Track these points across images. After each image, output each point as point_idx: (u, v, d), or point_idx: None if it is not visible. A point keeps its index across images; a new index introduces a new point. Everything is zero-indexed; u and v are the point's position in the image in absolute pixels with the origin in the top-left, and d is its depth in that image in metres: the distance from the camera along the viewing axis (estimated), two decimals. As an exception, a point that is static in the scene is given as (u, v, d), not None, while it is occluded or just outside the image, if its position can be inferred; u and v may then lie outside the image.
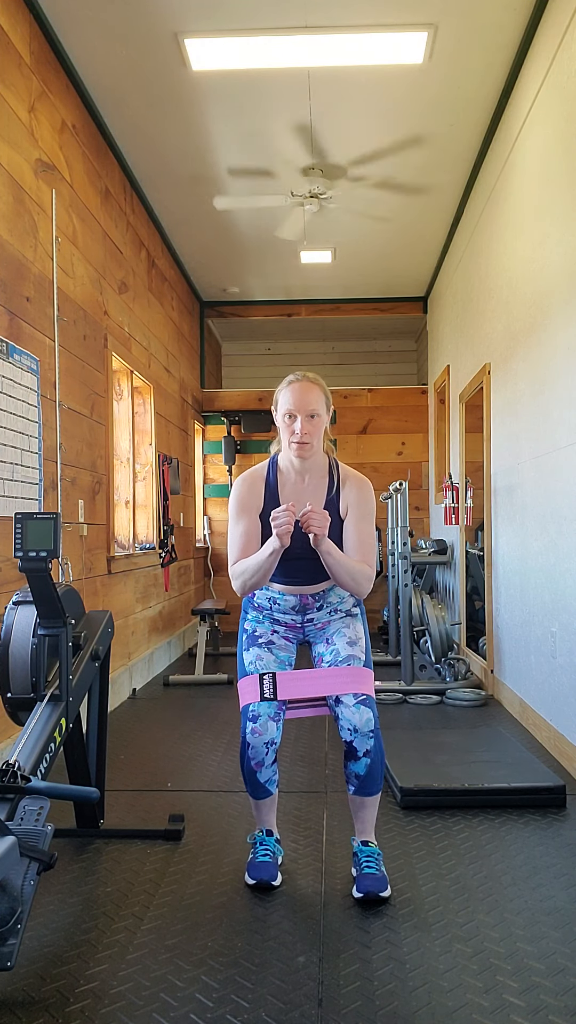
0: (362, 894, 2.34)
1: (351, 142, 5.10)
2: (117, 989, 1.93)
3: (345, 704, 2.38)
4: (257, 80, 4.39)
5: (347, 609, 2.58)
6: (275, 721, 2.39)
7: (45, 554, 2.24)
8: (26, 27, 3.70)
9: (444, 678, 5.33)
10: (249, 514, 2.50)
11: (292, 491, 2.52)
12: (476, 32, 3.99)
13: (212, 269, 7.55)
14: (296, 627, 2.59)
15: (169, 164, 5.38)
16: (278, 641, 2.56)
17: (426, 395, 8.51)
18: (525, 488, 4.32)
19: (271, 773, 2.45)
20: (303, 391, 2.44)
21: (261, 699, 2.39)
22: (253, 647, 2.53)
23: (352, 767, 2.40)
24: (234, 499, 2.53)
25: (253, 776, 2.44)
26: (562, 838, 2.80)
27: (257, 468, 2.57)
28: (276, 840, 2.58)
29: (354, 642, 2.50)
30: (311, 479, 2.53)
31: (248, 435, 8.58)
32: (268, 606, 2.58)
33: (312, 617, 2.58)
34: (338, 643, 2.51)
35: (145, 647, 5.81)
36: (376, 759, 2.38)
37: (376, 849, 2.47)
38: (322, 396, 2.47)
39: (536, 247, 4.05)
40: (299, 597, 2.54)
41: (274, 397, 2.52)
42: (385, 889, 2.35)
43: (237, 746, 4.00)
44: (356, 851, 2.49)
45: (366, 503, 2.51)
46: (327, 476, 2.54)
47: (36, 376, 3.70)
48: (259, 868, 2.44)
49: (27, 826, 1.92)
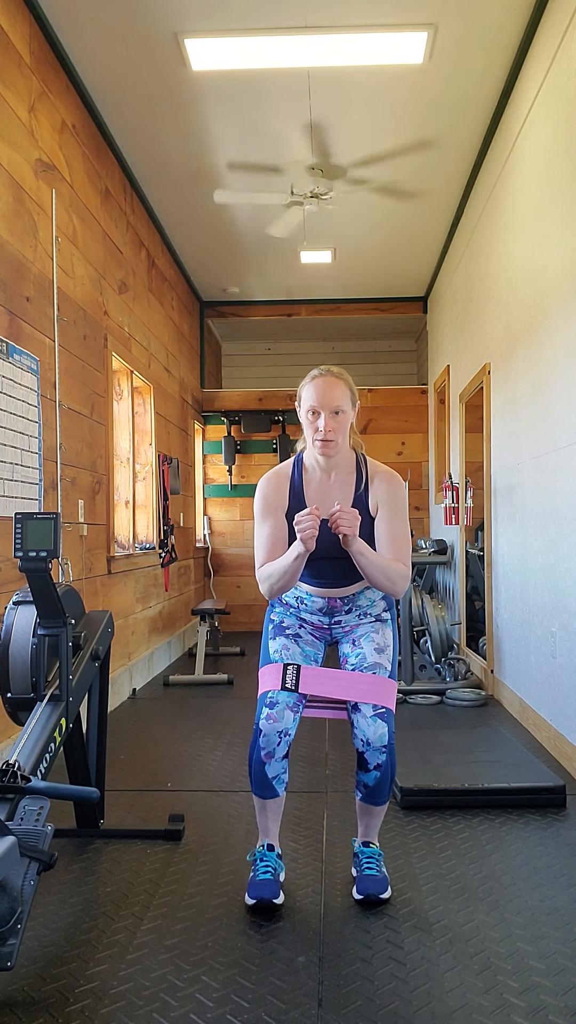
0: (362, 896, 2.32)
1: (351, 142, 5.11)
2: (117, 989, 1.93)
3: (363, 714, 2.30)
4: (257, 80, 4.39)
5: (377, 614, 2.50)
6: (293, 711, 2.30)
7: (45, 554, 2.24)
8: (26, 27, 3.70)
9: (444, 678, 5.33)
10: (275, 515, 2.41)
11: (318, 489, 2.43)
12: (476, 32, 3.99)
13: (212, 269, 7.55)
14: (323, 627, 2.52)
15: (169, 164, 5.38)
16: (305, 636, 2.49)
17: (426, 395, 8.51)
18: (525, 488, 4.32)
19: (280, 769, 2.33)
20: (327, 386, 2.33)
21: (281, 688, 2.31)
22: (280, 636, 2.46)
23: (361, 776, 2.35)
24: (259, 500, 2.45)
25: (261, 769, 2.31)
26: (562, 838, 2.80)
27: (282, 467, 2.49)
28: (278, 855, 2.44)
29: (382, 649, 2.42)
30: (337, 476, 2.43)
31: (248, 435, 8.58)
32: (296, 604, 2.51)
33: (340, 620, 2.50)
34: (365, 647, 2.42)
35: (145, 647, 5.81)
36: (386, 773, 2.32)
37: (377, 850, 2.45)
38: (347, 391, 2.38)
39: (536, 247, 4.05)
40: (327, 600, 2.46)
41: (297, 392, 2.43)
42: (385, 891, 2.33)
43: (237, 746, 4.00)
44: (357, 851, 2.46)
45: (397, 498, 2.41)
46: (355, 472, 2.44)
47: (36, 376, 3.70)
48: (259, 887, 2.31)
49: (27, 826, 1.92)
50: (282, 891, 2.38)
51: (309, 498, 2.42)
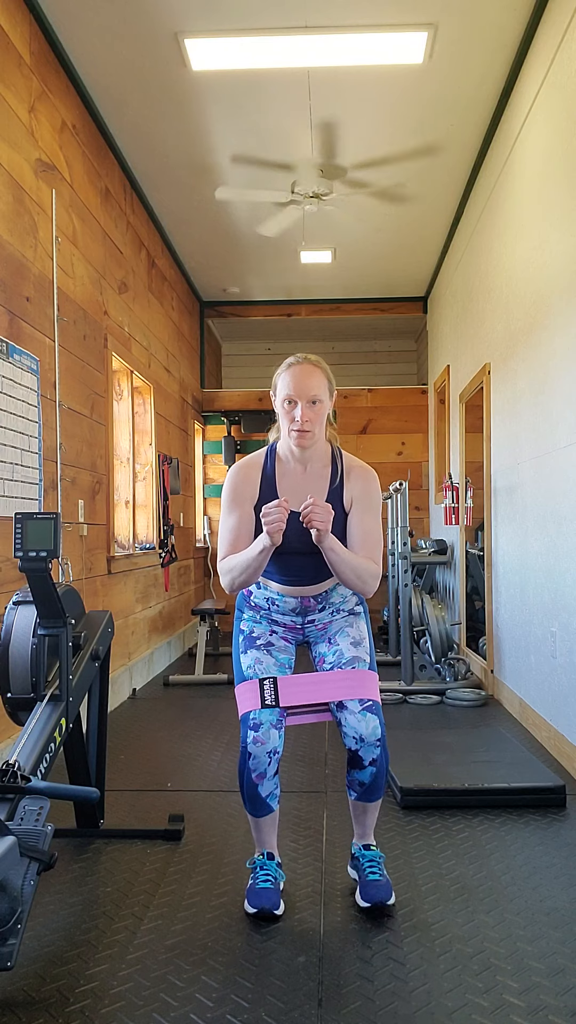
0: (368, 903, 2.24)
1: (351, 142, 5.10)
2: (117, 989, 1.93)
3: (350, 711, 2.22)
4: (257, 80, 4.39)
5: (350, 608, 2.44)
6: (278, 729, 2.22)
7: (45, 554, 2.24)
8: (26, 27, 3.70)
9: (444, 678, 5.33)
10: (242, 506, 2.33)
11: (291, 482, 2.35)
12: (476, 32, 3.99)
13: (212, 269, 7.55)
14: (296, 628, 2.45)
15: (169, 164, 5.38)
16: (277, 642, 2.40)
17: (426, 395, 8.51)
18: (525, 488, 4.32)
19: (272, 787, 2.26)
20: (304, 375, 2.25)
21: (262, 706, 2.22)
22: (251, 649, 2.36)
23: (356, 775, 2.27)
24: (227, 489, 2.36)
25: (254, 790, 2.25)
26: (562, 838, 2.80)
27: (253, 456, 2.40)
28: (277, 864, 2.38)
29: (358, 642, 2.36)
30: (312, 469, 2.35)
31: (248, 435, 8.58)
32: (266, 606, 2.43)
33: (313, 618, 2.43)
34: (341, 643, 2.36)
35: (145, 647, 5.81)
36: (381, 767, 2.25)
37: (378, 852, 2.38)
38: (324, 380, 2.29)
39: (536, 247, 4.05)
40: (300, 599, 2.38)
41: (272, 381, 2.34)
42: (390, 897, 2.27)
43: (237, 746, 4.00)
44: (357, 855, 2.39)
45: (372, 495, 2.34)
46: (330, 466, 2.36)
47: (36, 376, 3.70)
48: (259, 895, 2.24)
49: (27, 826, 1.92)
50: (282, 901, 2.31)
51: (282, 490, 2.33)
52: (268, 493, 2.34)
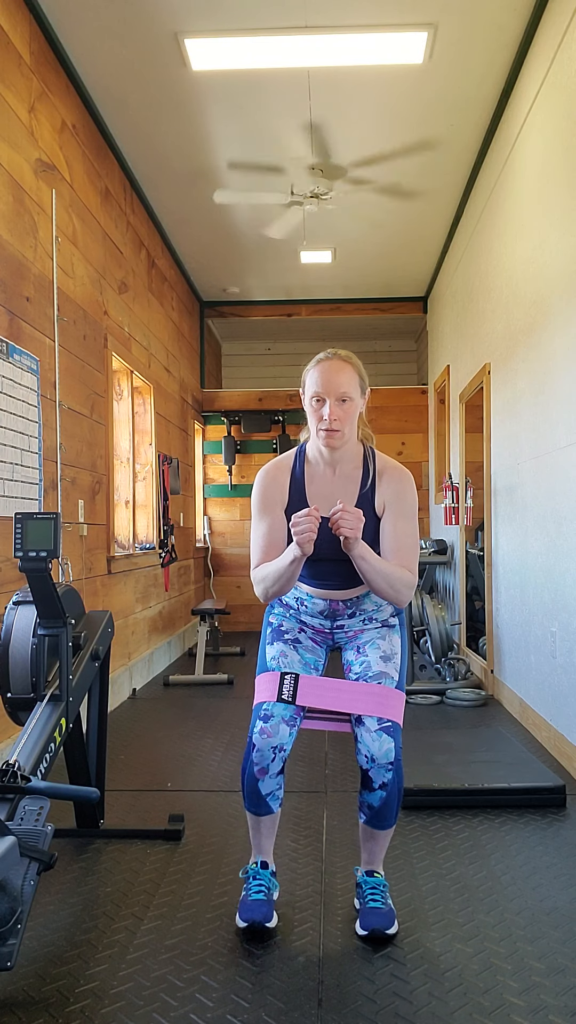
0: (366, 931, 2.10)
1: (351, 142, 5.10)
2: (117, 989, 1.93)
3: (367, 727, 2.10)
4: (257, 80, 4.39)
5: (384, 619, 2.32)
6: (289, 726, 2.12)
7: (45, 554, 2.24)
8: (26, 27, 3.70)
9: (444, 678, 5.33)
10: (272, 511, 2.22)
11: (321, 484, 2.24)
12: (476, 32, 3.99)
13: (212, 269, 7.55)
14: (325, 632, 2.34)
15: (169, 164, 5.38)
16: (305, 641, 2.31)
17: (426, 395, 8.51)
18: (525, 488, 4.32)
19: (275, 785, 2.15)
20: (333, 371, 2.13)
21: (278, 699, 2.12)
22: (278, 642, 2.27)
23: (366, 796, 2.14)
24: (256, 494, 2.26)
25: (254, 785, 2.14)
26: (562, 838, 2.80)
27: (282, 458, 2.29)
28: (272, 873, 2.26)
29: (388, 658, 2.22)
30: (342, 470, 2.24)
31: (248, 435, 8.58)
32: (296, 606, 2.33)
33: (343, 624, 2.32)
34: (371, 655, 2.23)
35: (145, 647, 5.81)
36: (392, 793, 2.11)
37: (382, 880, 2.23)
38: (355, 377, 2.17)
39: (536, 247, 4.05)
40: (328, 603, 2.28)
41: (302, 378, 2.24)
42: (392, 926, 2.11)
43: (237, 746, 4.00)
44: (360, 881, 2.24)
45: (407, 499, 2.21)
46: (361, 467, 2.24)
47: (36, 376, 3.70)
48: (251, 907, 2.14)
49: (27, 826, 1.92)
50: (276, 913, 2.21)
51: (310, 493, 2.23)
52: (297, 496, 2.25)
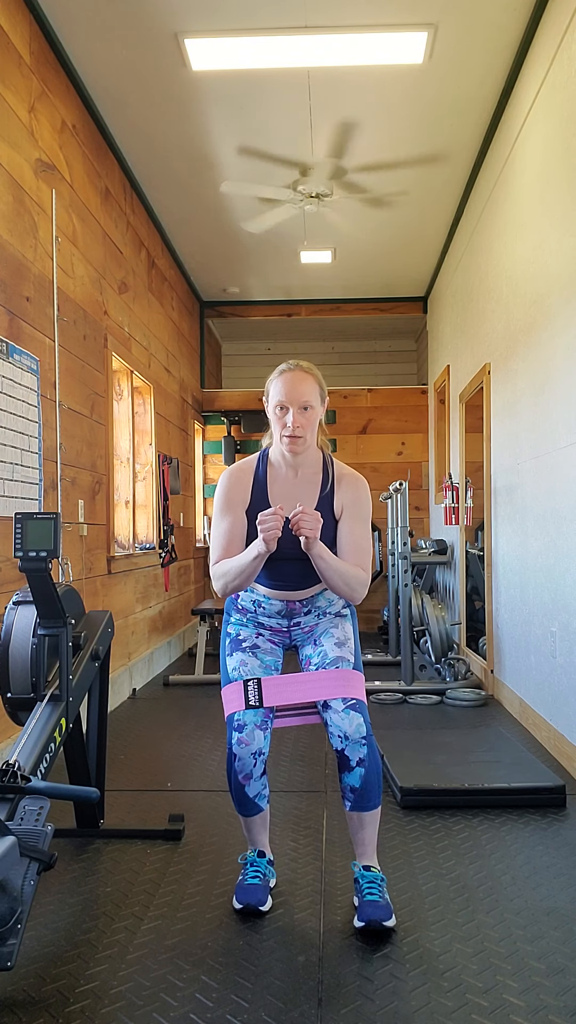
0: (363, 923, 2.15)
1: (351, 142, 5.10)
2: (117, 989, 1.93)
3: (334, 709, 2.22)
4: (257, 80, 4.39)
5: (336, 611, 2.46)
6: (262, 730, 2.24)
7: (45, 554, 2.24)
8: (26, 27, 3.70)
9: (444, 678, 5.33)
10: (234, 511, 2.35)
11: (282, 487, 2.37)
12: (476, 32, 3.99)
13: (212, 269, 7.55)
14: (282, 631, 2.45)
15: (169, 164, 5.38)
16: (263, 644, 2.42)
17: (426, 395, 8.51)
18: (525, 488, 4.32)
19: (260, 787, 2.28)
20: (295, 381, 2.29)
21: (246, 707, 2.24)
22: (237, 652, 2.38)
23: (346, 779, 2.22)
24: (219, 494, 2.38)
25: (241, 791, 2.27)
26: (562, 838, 2.80)
27: (246, 461, 2.42)
28: (268, 861, 2.41)
29: (343, 643, 2.36)
30: (303, 474, 2.38)
31: (248, 435, 8.58)
32: (253, 609, 2.44)
33: (299, 621, 2.44)
34: (326, 644, 2.37)
35: (145, 647, 5.81)
36: (371, 769, 2.21)
37: (379, 874, 2.27)
38: (316, 387, 2.32)
39: (536, 247, 4.05)
40: (286, 603, 2.40)
41: (265, 387, 2.38)
42: (389, 918, 2.15)
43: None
44: (357, 877, 2.29)
45: (362, 503, 2.37)
46: (320, 472, 2.38)
47: (36, 376, 3.70)
48: (247, 891, 2.28)
49: (27, 826, 1.92)
50: (270, 898, 2.34)
51: (273, 495, 2.35)
52: (259, 498, 2.36)
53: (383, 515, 8.13)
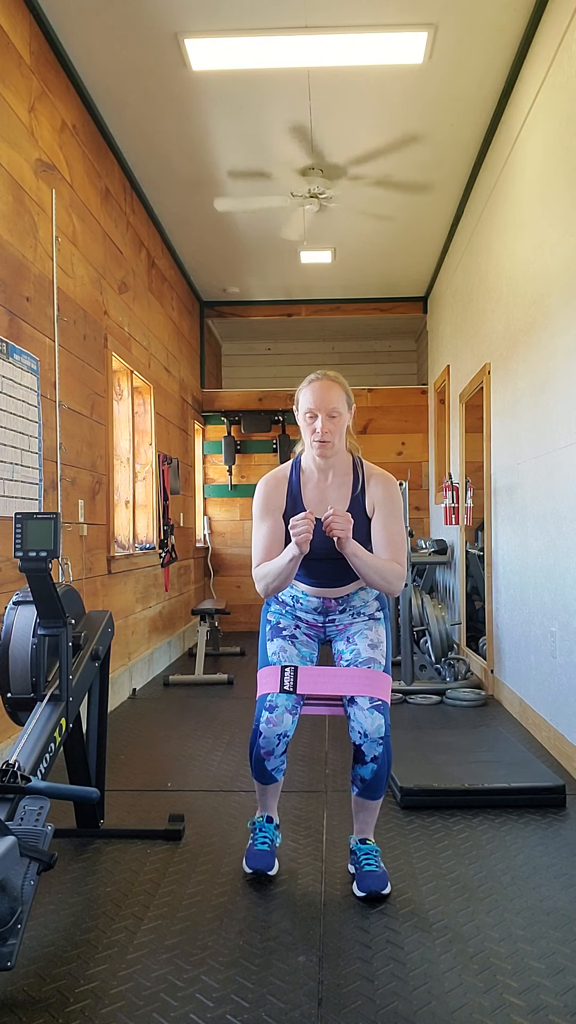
0: (364, 893, 2.34)
1: (351, 142, 5.11)
2: (117, 989, 1.93)
3: (359, 706, 2.36)
4: (257, 80, 4.39)
5: (370, 613, 2.57)
6: (291, 714, 2.39)
7: (45, 554, 2.24)
8: (26, 27, 3.70)
9: (444, 678, 5.33)
10: (272, 515, 2.49)
11: (315, 490, 2.50)
12: (476, 32, 3.99)
13: (212, 269, 7.55)
14: (318, 626, 2.59)
15: (169, 164, 5.38)
16: (300, 636, 2.56)
17: (426, 395, 8.51)
18: (525, 488, 4.32)
19: (279, 762, 2.45)
20: (323, 390, 2.41)
21: (281, 690, 2.39)
22: (277, 638, 2.53)
23: (358, 770, 2.39)
24: (258, 500, 2.53)
25: (261, 764, 2.44)
26: (562, 838, 2.80)
27: (281, 469, 2.57)
28: (276, 826, 2.60)
29: (375, 645, 2.49)
30: (335, 478, 2.50)
31: (248, 435, 8.58)
32: (291, 603, 2.59)
33: (334, 618, 2.57)
34: (359, 644, 2.49)
35: (145, 647, 5.81)
36: (383, 766, 2.36)
37: (375, 846, 2.48)
38: (343, 394, 2.45)
39: (536, 247, 4.05)
40: (322, 600, 2.53)
41: (295, 396, 2.51)
42: (386, 886, 2.36)
43: (237, 746, 4.01)
44: (354, 848, 2.49)
45: (393, 500, 2.48)
46: (351, 474, 2.51)
47: (36, 376, 3.70)
48: (256, 857, 2.47)
49: (27, 826, 1.92)
50: (277, 861, 2.54)
51: (306, 499, 2.49)
52: (293, 503, 2.50)
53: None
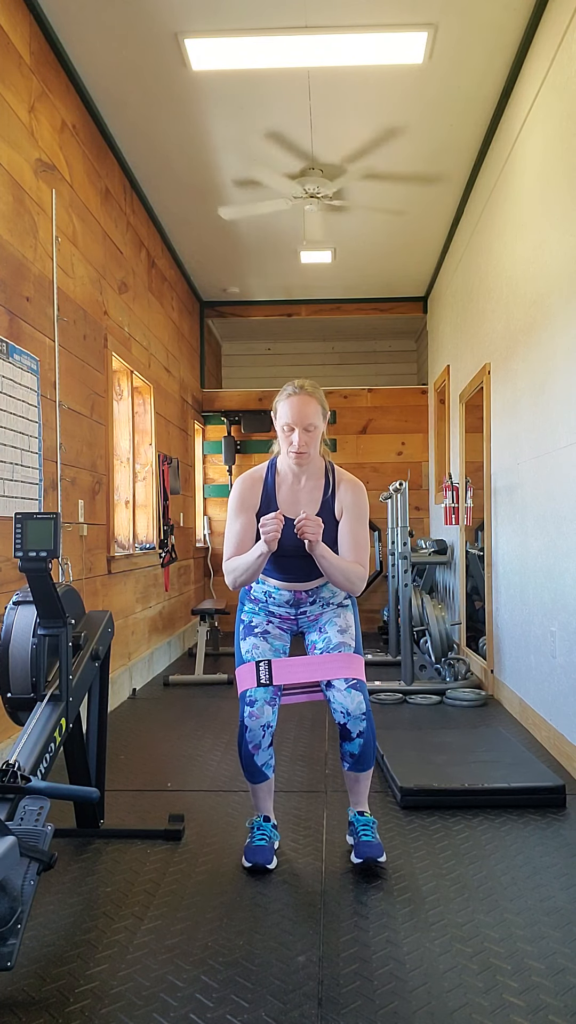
0: (361, 859, 2.53)
1: (351, 142, 5.10)
2: (117, 989, 1.93)
3: (337, 688, 2.53)
4: (257, 80, 4.39)
5: (338, 602, 2.75)
6: (271, 705, 2.54)
7: (45, 554, 2.24)
8: (26, 27, 3.70)
9: (444, 678, 5.33)
10: (246, 513, 2.64)
11: (289, 492, 2.66)
12: (476, 32, 3.99)
13: (212, 269, 7.55)
14: (290, 619, 2.75)
15: (169, 164, 5.38)
16: (273, 631, 2.71)
17: (426, 395, 8.51)
18: (525, 488, 4.32)
19: (267, 756, 2.59)
20: (301, 404, 2.56)
21: (258, 684, 2.54)
22: (250, 636, 2.68)
23: (347, 747, 2.56)
24: (234, 497, 2.66)
25: (251, 759, 2.57)
26: (562, 838, 2.80)
27: (257, 469, 2.71)
28: (273, 826, 2.71)
29: (344, 630, 2.66)
30: (307, 481, 2.66)
31: (248, 435, 8.58)
32: (264, 599, 2.73)
33: (305, 610, 2.74)
34: (330, 631, 2.67)
35: (145, 647, 5.81)
36: (368, 739, 2.54)
37: (371, 818, 2.66)
38: (319, 408, 2.59)
39: (536, 247, 4.05)
40: (293, 593, 2.70)
41: (273, 405, 2.65)
42: (381, 855, 2.54)
43: (236, 746, 4.01)
44: (352, 820, 2.67)
45: (360, 505, 2.65)
46: (323, 478, 2.67)
47: (36, 376, 3.70)
48: (255, 852, 2.57)
49: (27, 826, 1.92)
50: (275, 858, 2.63)
51: (280, 500, 2.65)
52: (268, 502, 2.65)
53: (383, 515, 8.13)
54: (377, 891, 2.42)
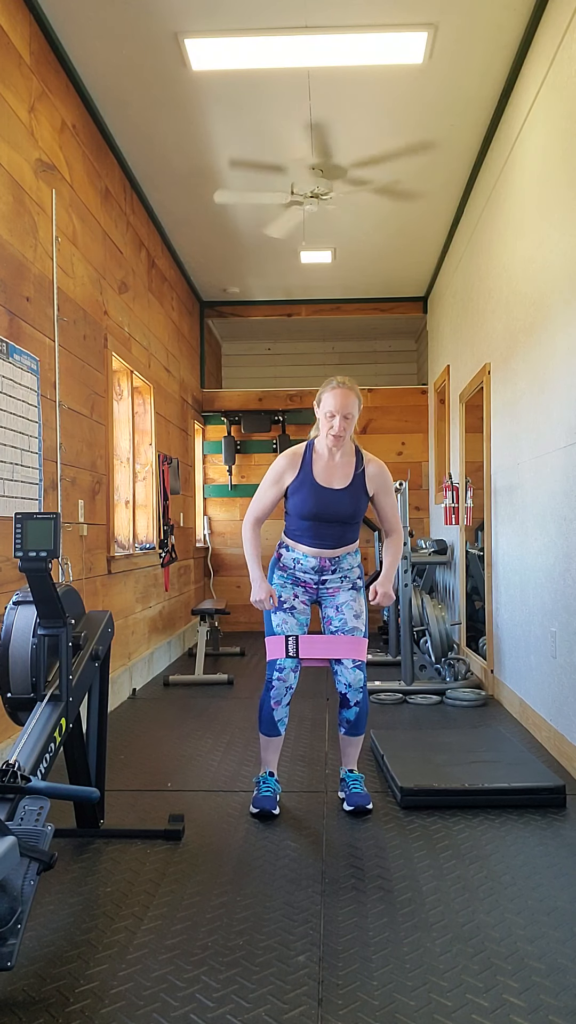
0: (352, 807, 3.03)
1: (351, 142, 5.10)
2: (117, 989, 1.93)
3: (344, 666, 3.10)
4: (257, 80, 4.39)
5: (353, 580, 3.21)
6: (295, 672, 3.11)
7: (45, 554, 2.24)
8: (26, 27, 3.70)
9: (444, 678, 5.33)
10: (278, 484, 3.14)
11: (325, 467, 3.13)
12: (476, 32, 3.99)
13: (212, 269, 7.55)
14: (312, 588, 3.19)
15: (169, 164, 5.38)
16: (299, 606, 3.17)
17: (426, 395, 8.51)
18: (525, 488, 4.31)
19: (284, 713, 3.11)
20: (344, 397, 3.04)
21: (287, 656, 3.08)
22: (280, 611, 3.15)
23: (344, 713, 3.13)
24: (274, 467, 3.15)
25: (270, 714, 3.09)
26: (562, 838, 2.80)
27: (297, 447, 3.19)
28: (276, 780, 3.17)
29: (358, 615, 3.17)
30: (341, 458, 3.15)
31: (248, 435, 8.58)
32: (292, 566, 3.17)
33: (326, 579, 3.17)
34: (347, 614, 3.16)
35: (145, 647, 5.81)
36: (363, 708, 3.12)
37: (360, 775, 3.19)
38: (356, 400, 3.09)
39: (536, 247, 4.05)
40: (319, 560, 3.13)
41: (318, 395, 3.12)
42: (369, 802, 3.05)
43: (237, 746, 4.01)
44: (344, 777, 3.18)
45: (388, 481, 3.22)
46: (354, 456, 3.18)
47: (36, 376, 3.70)
48: (262, 801, 3.04)
49: (27, 826, 1.92)
50: (279, 806, 3.10)
51: (316, 473, 3.11)
52: (305, 473, 3.13)
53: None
54: (377, 891, 2.42)
